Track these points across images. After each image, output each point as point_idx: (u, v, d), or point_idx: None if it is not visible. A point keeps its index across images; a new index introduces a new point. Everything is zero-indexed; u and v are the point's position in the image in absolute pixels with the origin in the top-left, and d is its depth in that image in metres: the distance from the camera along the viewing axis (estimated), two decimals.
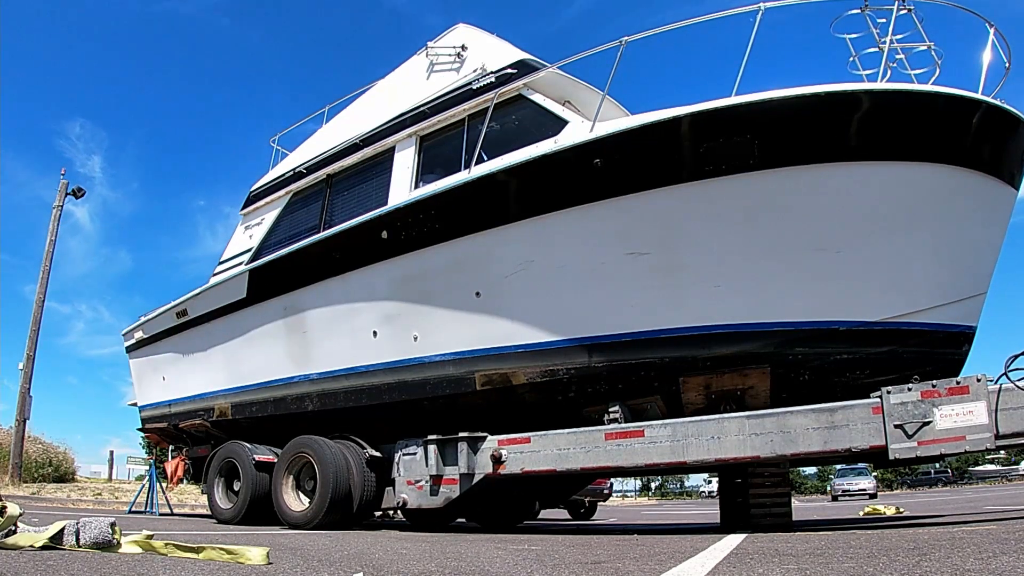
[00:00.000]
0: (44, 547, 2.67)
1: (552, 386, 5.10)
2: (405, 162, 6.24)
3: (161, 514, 9.73)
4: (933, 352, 4.62)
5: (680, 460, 4.30)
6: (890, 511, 10.77)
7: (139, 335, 8.85)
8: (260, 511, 6.30)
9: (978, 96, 4.42)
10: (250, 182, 8.02)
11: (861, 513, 10.93)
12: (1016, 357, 3.66)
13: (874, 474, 28.27)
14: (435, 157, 6.19)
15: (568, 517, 13.04)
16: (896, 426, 3.74)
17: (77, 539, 2.72)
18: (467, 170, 5.52)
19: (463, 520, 7.86)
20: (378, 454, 5.95)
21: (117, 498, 13.83)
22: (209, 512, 7.37)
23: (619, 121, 5.08)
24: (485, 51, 6.06)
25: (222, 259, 7.99)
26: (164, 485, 10.54)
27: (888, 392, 3.81)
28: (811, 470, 45.11)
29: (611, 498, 19.60)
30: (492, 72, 5.80)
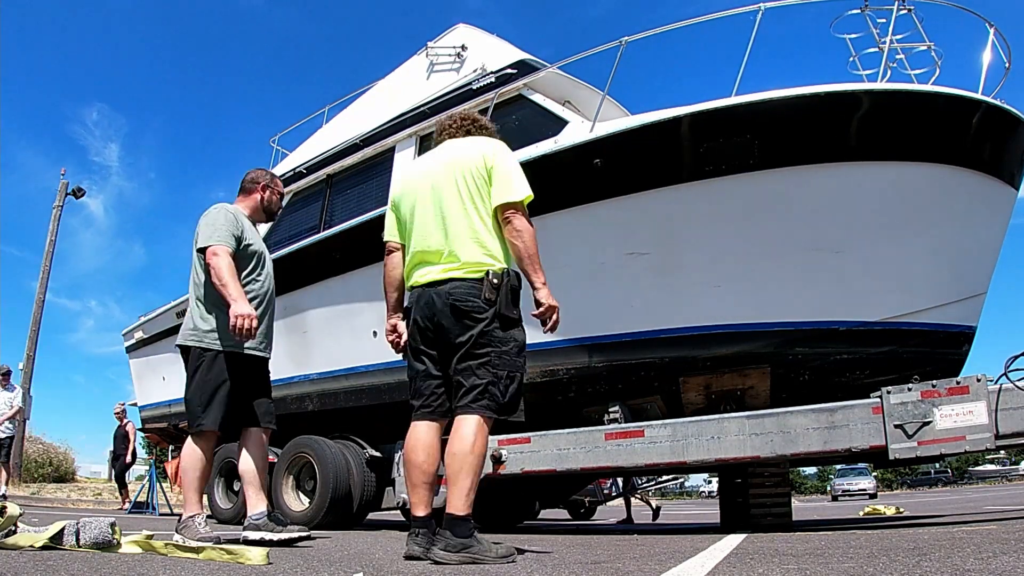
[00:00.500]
0: (44, 547, 2.67)
1: (552, 386, 5.10)
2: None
3: (161, 514, 9.73)
4: (933, 352, 4.62)
5: (680, 460, 4.30)
6: (890, 511, 10.77)
7: (139, 335, 8.85)
8: None
9: (978, 96, 4.42)
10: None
11: (861, 513, 10.94)
12: (1016, 358, 3.66)
13: (874, 474, 28.31)
14: None
15: (568, 517, 13.04)
16: (896, 426, 3.73)
17: (77, 539, 2.72)
18: None
19: None
20: (378, 454, 5.95)
21: (117, 498, 13.82)
22: (209, 512, 7.37)
23: (619, 121, 5.08)
24: (485, 51, 6.06)
25: None
26: (164, 485, 10.55)
27: (888, 392, 3.81)
28: (811, 470, 45.19)
29: (611, 499, 19.56)
30: (492, 72, 5.80)
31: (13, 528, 2.74)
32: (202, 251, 3.40)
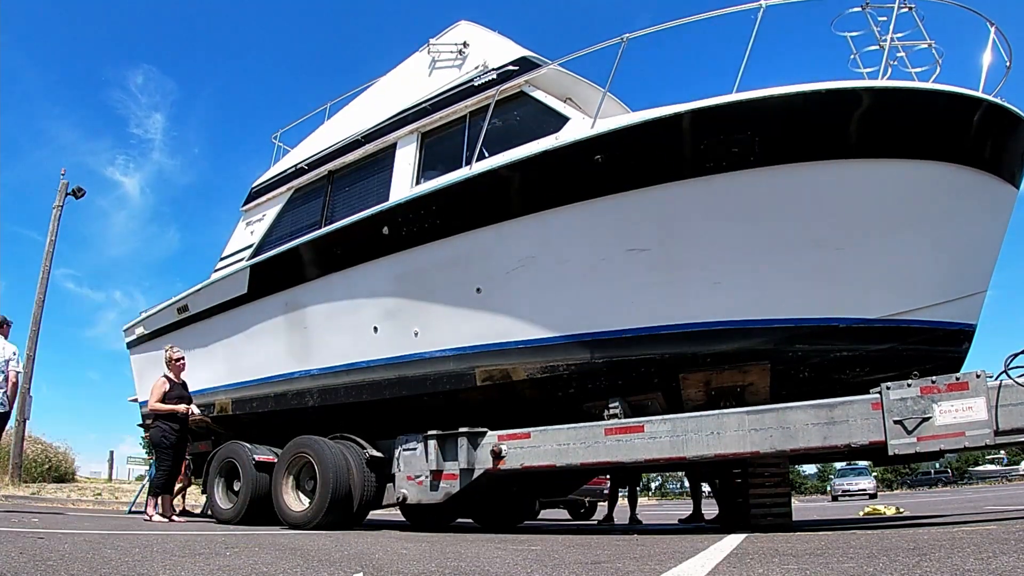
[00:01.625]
0: None
1: (552, 382, 5.10)
2: (406, 158, 6.23)
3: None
4: (933, 350, 4.61)
5: (680, 455, 4.30)
6: (890, 511, 10.76)
7: (140, 331, 8.84)
8: (260, 511, 6.29)
9: (979, 94, 4.40)
10: None
11: (861, 513, 10.92)
12: (1015, 356, 3.65)
13: (874, 474, 28.28)
14: (436, 154, 6.18)
15: (568, 517, 13.03)
16: (895, 422, 3.73)
17: None
18: (468, 166, 5.52)
19: (463, 520, 7.85)
20: (378, 454, 5.94)
21: (117, 498, 13.82)
22: (209, 512, 7.37)
23: (620, 118, 5.07)
24: (486, 48, 6.05)
25: (223, 255, 7.98)
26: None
27: (888, 388, 3.80)
28: (811, 470, 45.24)
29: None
30: (493, 69, 5.79)
31: None
32: None
